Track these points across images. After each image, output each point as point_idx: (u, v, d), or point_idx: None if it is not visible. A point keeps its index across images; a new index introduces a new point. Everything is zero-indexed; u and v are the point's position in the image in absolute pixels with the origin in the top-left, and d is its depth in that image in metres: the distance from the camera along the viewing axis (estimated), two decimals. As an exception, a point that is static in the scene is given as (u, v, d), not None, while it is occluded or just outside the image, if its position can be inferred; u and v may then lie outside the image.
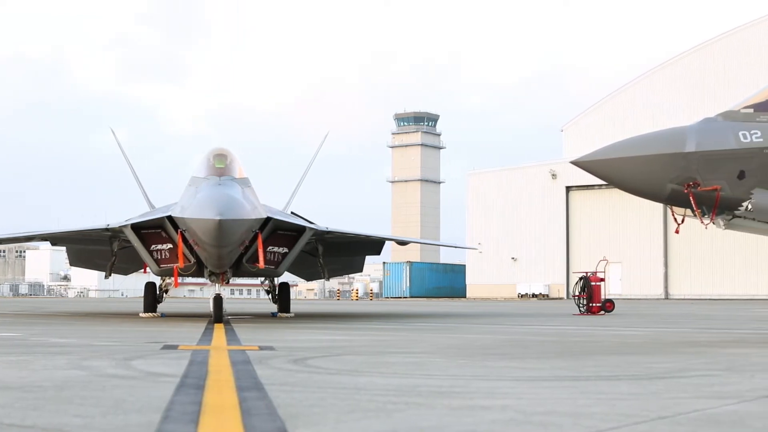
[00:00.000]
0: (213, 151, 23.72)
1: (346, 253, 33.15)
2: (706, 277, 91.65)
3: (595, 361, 10.87)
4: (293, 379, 8.43)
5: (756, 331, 19.31)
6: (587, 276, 35.29)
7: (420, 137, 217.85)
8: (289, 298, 31.23)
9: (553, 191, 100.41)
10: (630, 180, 13.31)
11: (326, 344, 14.31)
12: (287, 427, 5.50)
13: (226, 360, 10.65)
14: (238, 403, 6.54)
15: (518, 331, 19.95)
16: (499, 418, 5.96)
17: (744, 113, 13.60)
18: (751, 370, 9.38)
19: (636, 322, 25.48)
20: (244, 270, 25.35)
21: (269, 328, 20.81)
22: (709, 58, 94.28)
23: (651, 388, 7.71)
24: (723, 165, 13.18)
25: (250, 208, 21.66)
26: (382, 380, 8.33)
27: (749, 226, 14.20)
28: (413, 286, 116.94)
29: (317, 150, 38.23)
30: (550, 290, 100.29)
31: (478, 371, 9.49)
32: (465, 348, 13.65)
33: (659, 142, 13.37)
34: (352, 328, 21.18)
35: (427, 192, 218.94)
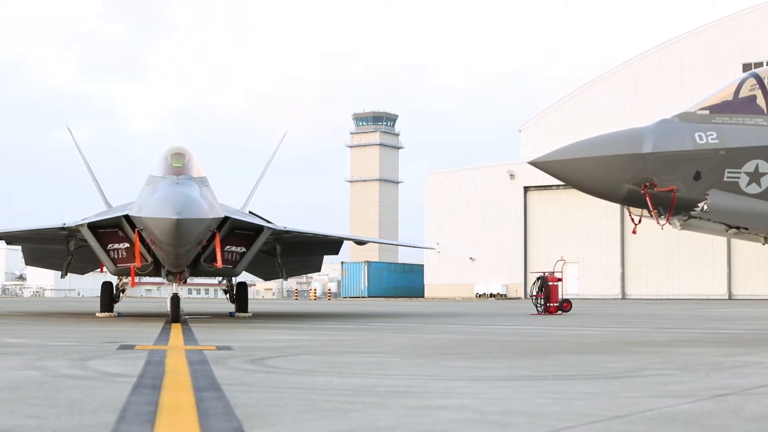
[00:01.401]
0: (171, 150, 23.62)
1: (305, 253, 33.11)
2: (662, 278, 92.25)
3: (552, 360, 10.92)
4: (250, 379, 8.41)
5: (710, 331, 19.47)
6: (545, 276, 35.42)
7: (378, 137, 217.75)
8: (247, 297, 31.17)
9: (511, 191, 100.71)
10: (587, 180, 13.38)
11: (284, 344, 14.29)
12: (244, 427, 5.48)
13: (183, 360, 10.61)
14: (195, 403, 6.51)
15: (476, 330, 20.00)
16: (456, 417, 5.96)
17: (700, 115, 13.70)
18: (705, 370, 9.45)
19: (593, 322, 25.61)
20: (201, 269, 25.25)
21: (227, 327, 20.74)
22: (669, 59, 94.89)
23: (607, 388, 7.75)
24: (679, 166, 13.27)
25: (207, 207, 21.58)
26: (339, 380, 8.32)
27: (705, 227, 14.31)
28: (371, 286, 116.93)
29: (275, 149, 38.16)
30: (507, 290, 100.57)
31: (435, 371, 9.50)
32: (422, 348, 13.66)
33: (616, 142, 13.44)
34: (309, 327, 21.15)
35: (386, 192, 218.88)
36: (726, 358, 10.99)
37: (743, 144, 13.43)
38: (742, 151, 13.42)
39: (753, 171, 13.41)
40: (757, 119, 13.66)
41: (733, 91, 14.16)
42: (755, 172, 13.41)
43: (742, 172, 13.40)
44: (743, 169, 13.39)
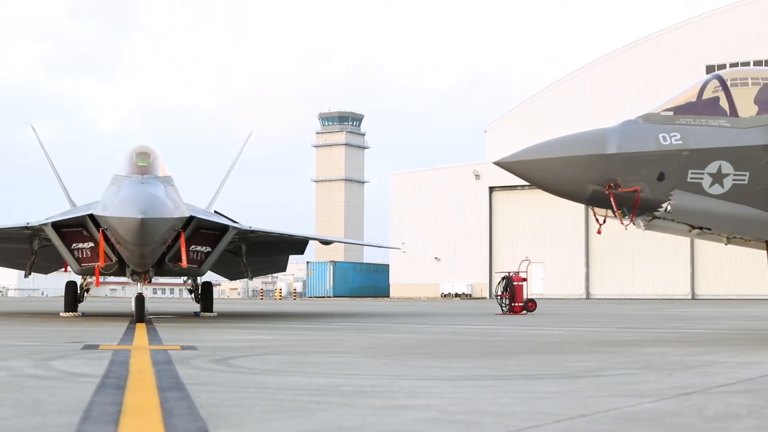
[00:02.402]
0: (136, 149, 23.51)
1: (270, 253, 33.06)
2: (626, 278, 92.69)
3: (517, 360, 10.95)
4: (215, 378, 8.39)
5: (673, 331, 19.59)
6: (510, 276, 35.49)
7: (344, 137, 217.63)
8: (212, 297, 31.09)
9: (477, 192, 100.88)
10: (552, 181, 13.42)
11: (249, 344, 14.26)
12: (209, 427, 5.47)
13: (148, 360, 10.57)
14: (159, 403, 6.49)
15: (441, 330, 20.03)
16: (421, 417, 5.98)
17: (664, 116, 13.78)
18: (668, 369, 9.51)
19: (557, 322, 25.71)
20: (166, 269, 25.16)
21: (192, 327, 20.68)
22: (633, 61, 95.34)
23: (571, 387, 7.79)
24: (643, 167, 13.34)
25: (172, 206, 21.50)
26: (305, 380, 8.32)
27: (668, 227, 14.39)
28: (337, 286, 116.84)
29: (240, 149, 38.10)
30: (473, 290, 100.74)
31: (401, 371, 9.51)
32: (388, 347, 13.67)
33: (581, 143, 13.50)
34: (275, 327, 21.12)
35: (351, 192, 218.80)
36: (689, 358, 11.07)
37: (706, 145, 13.52)
38: (705, 152, 13.51)
39: (716, 172, 13.50)
40: (720, 121, 13.76)
41: (697, 93, 14.25)
42: (718, 173, 13.50)
43: (705, 173, 13.48)
44: (706, 170, 13.48)
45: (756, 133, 13.71)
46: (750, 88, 14.55)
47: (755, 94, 14.39)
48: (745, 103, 14.12)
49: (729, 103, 14.00)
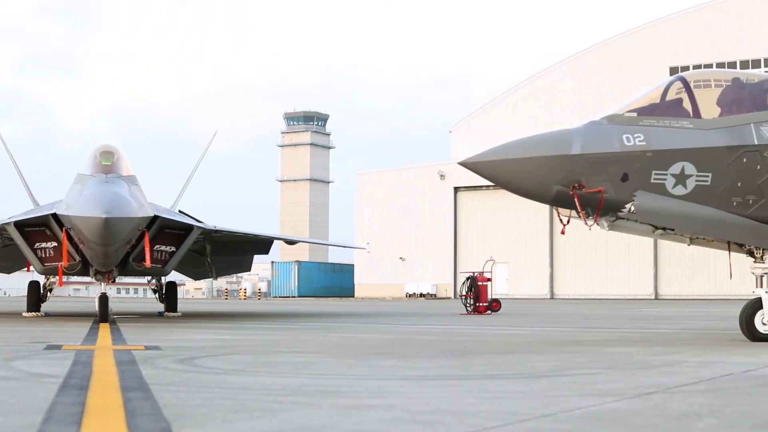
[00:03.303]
0: (99, 149, 23.43)
1: (234, 252, 33.01)
2: (590, 278, 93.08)
3: (481, 360, 10.98)
4: (179, 378, 8.36)
5: (637, 330, 19.69)
6: (474, 276, 35.58)
7: (309, 137, 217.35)
8: (176, 297, 31.02)
9: (442, 192, 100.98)
10: (516, 181, 13.45)
11: (213, 344, 14.22)
12: (173, 427, 5.45)
13: (111, 360, 10.52)
14: (122, 403, 6.46)
15: (406, 330, 20.04)
16: (385, 417, 5.98)
17: (628, 117, 13.85)
18: (632, 369, 9.56)
19: (522, 322, 25.79)
20: (130, 269, 25.06)
21: (156, 327, 20.61)
22: (598, 62, 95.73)
23: (536, 387, 7.81)
24: (607, 167, 13.39)
25: (136, 206, 21.42)
26: (269, 380, 8.30)
27: (632, 228, 14.47)
28: (301, 286, 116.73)
29: (205, 148, 38.07)
30: (437, 290, 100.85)
31: (365, 370, 9.51)
32: (352, 347, 13.67)
33: (545, 144, 13.54)
34: (239, 327, 21.08)
35: (316, 191, 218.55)
36: (652, 357, 11.13)
37: (670, 146, 13.59)
38: (669, 153, 13.58)
39: (679, 173, 13.58)
40: (683, 122, 13.84)
41: (660, 94, 14.33)
42: (681, 174, 13.58)
43: (669, 174, 13.56)
44: (669, 170, 13.56)
45: (719, 134, 13.80)
46: (713, 89, 14.65)
47: (718, 95, 14.49)
48: (708, 105, 14.21)
49: (692, 105, 14.09)
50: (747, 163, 13.78)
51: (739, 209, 13.81)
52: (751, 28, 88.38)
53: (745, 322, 14.30)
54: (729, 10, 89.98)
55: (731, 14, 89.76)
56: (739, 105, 14.31)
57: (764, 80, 14.89)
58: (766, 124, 13.99)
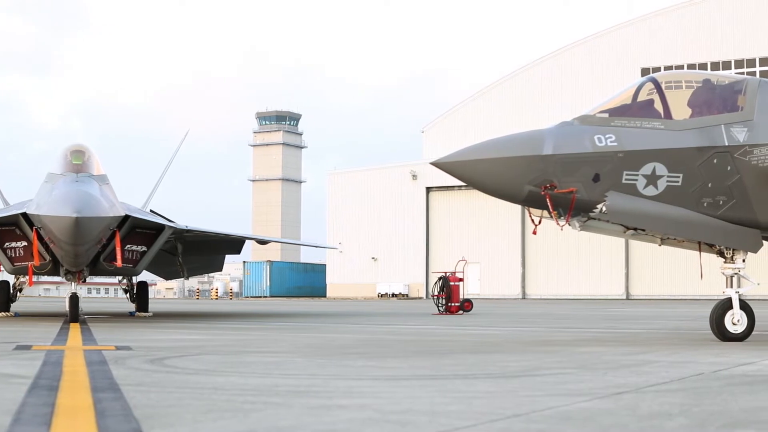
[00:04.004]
0: (70, 148, 23.32)
1: (206, 252, 32.96)
2: (561, 278, 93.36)
3: (453, 360, 10.98)
4: (150, 379, 8.33)
5: (609, 330, 19.76)
6: (446, 276, 35.60)
7: (282, 136, 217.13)
8: (148, 297, 30.89)
9: (414, 192, 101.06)
10: (488, 181, 13.48)
11: (184, 344, 14.18)
12: (143, 427, 5.42)
13: (82, 360, 10.46)
14: (92, 404, 6.42)
15: (378, 330, 20.04)
16: (356, 417, 5.97)
17: (600, 117, 13.91)
18: (603, 368, 9.58)
19: (493, 322, 25.83)
20: (101, 269, 24.94)
21: (127, 327, 20.52)
22: (570, 62, 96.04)
23: (507, 387, 7.82)
24: (579, 168, 13.44)
25: (107, 205, 21.32)
26: (240, 380, 8.28)
27: (603, 228, 14.53)
28: (273, 286, 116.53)
29: (177, 148, 37.97)
30: (409, 290, 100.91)
31: (337, 370, 9.50)
32: (324, 347, 13.65)
33: (517, 144, 13.57)
34: (211, 327, 21.02)
35: (288, 191, 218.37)
36: (623, 357, 11.17)
37: (641, 147, 13.65)
38: (640, 154, 13.64)
39: (650, 173, 13.64)
40: (655, 123, 13.91)
41: (632, 95, 14.40)
42: (652, 175, 13.65)
43: (640, 175, 13.62)
44: (641, 171, 13.62)
45: (689, 135, 13.88)
46: (684, 90, 14.73)
47: (689, 96, 14.57)
48: (679, 106, 14.29)
49: (663, 106, 14.16)
50: (717, 164, 13.86)
51: (710, 210, 13.89)
52: (722, 29, 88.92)
53: (715, 322, 14.37)
54: (700, 12, 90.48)
55: (702, 16, 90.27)
56: (710, 106, 14.40)
57: (735, 82, 14.98)
58: (736, 125, 14.07)
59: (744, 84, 14.70)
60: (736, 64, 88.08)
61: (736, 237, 14.21)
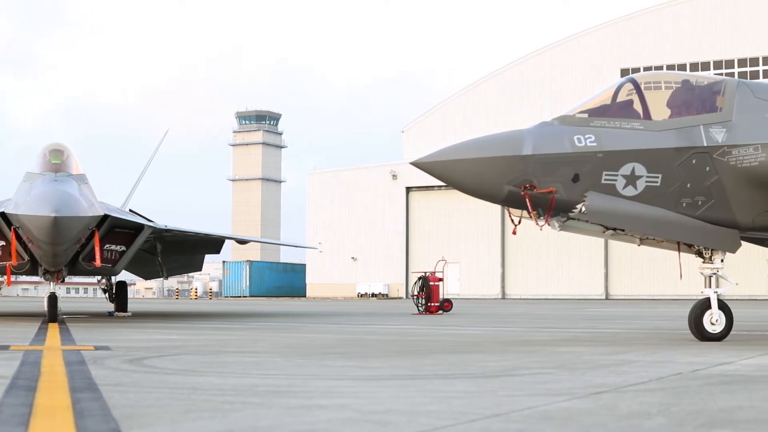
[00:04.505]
0: (49, 147, 23.21)
1: (186, 252, 32.89)
2: (541, 278, 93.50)
3: (432, 360, 10.99)
4: (129, 379, 8.30)
5: (588, 330, 19.81)
6: (426, 276, 35.62)
7: (261, 136, 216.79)
8: (127, 297, 30.83)
9: (394, 192, 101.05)
10: (468, 181, 13.49)
11: (164, 344, 14.15)
12: (121, 428, 5.40)
13: (60, 360, 10.42)
14: (71, 404, 6.40)
15: (357, 330, 20.03)
16: (336, 417, 5.97)
17: (579, 118, 13.94)
18: (582, 368, 9.60)
19: (473, 322, 25.86)
20: (80, 268, 24.85)
21: (105, 327, 20.46)
22: (550, 63, 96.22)
23: (486, 386, 7.83)
24: (558, 168, 13.46)
25: (86, 205, 21.23)
26: (219, 380, 8.26)
27: (583, 228, 14.56)
28: (253, 286, 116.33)
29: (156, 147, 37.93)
30: (389, 290, 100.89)
31: (316, 370, 9.49)
32: (304, 347, 13.64)
33: (497, 144, 13.58)
34: (190, 327, 20.98)
35: (268, 191, 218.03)
36: (603, 357, 11.19)
37: (620, 147, 13.69)
38: (619, 155, 13.68)
39: (629, 174, 13.68)
40: (634, 123, 13.95)
41: (611, 96, 14.44)
42: (631, 175, 13.69)
43: (619, 175, 13.66)
44: (620, 171, 13.66)
45: (668, 135, 13.92)
46: (663, 91, 14.79)
47: (668, 97, 14.62)
48: (658, 106, 14.34)
49: (642, 106, 14.20)
50: (696, 165, 13.91)
51: (689, 210, 13.94)
52: (702, 30, 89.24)
53: (693, 322, 14.42)
54: (679, 13, 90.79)
55: (682, 17, 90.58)
56: (689, 107, 14.45)
57: (713, 82, 15.04)
58: (715, 126, 14.13)
59: (723, 85, 14.76)
60: (715, 65, 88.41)
61: (714, 237, 14.27)
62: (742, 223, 14.27)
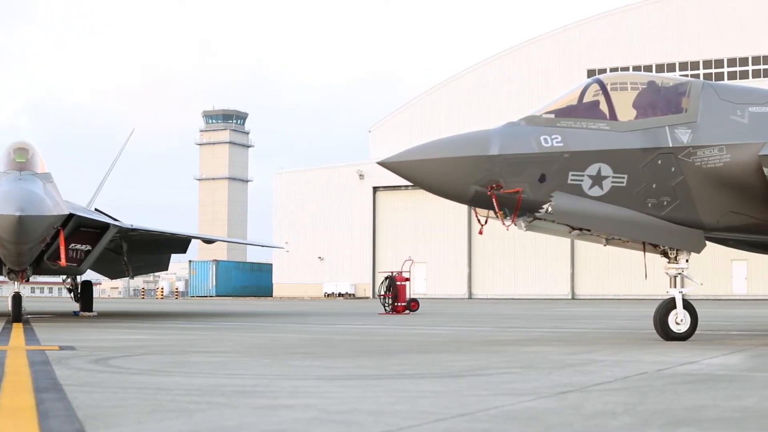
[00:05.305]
0: (13, 145, 23.06)
1: (152, 251, 32.78)
2: (508, 278, 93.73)
3: (399, 359, 10.99)
4: (94, 379, 8.26)
5: (554, 330, 19.86)
6: (393, 276, 35.64)
7: (228, 135, 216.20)
8: (92, 296, 30.71)
9: (361, 191, 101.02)
10: (435, 181, 13.49)
11: (129, 344, 14.08)
12: (86, 428, 5.38)
13: (24, 360, 10.36)
14: (35, 405, 6.36)
15: (324, 330, 20.02)
16: (302, 417, 5.96)
17: (546, 118, 13.97)
18: (548, 368, 9.63)
19: (439, 321, 25.89)
20: (45, 268, 24.73)
21: (71, 327, 20.35)
22: (517, 63, 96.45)
23: (453, 386, 7.84)
24: (525, 168, 13.49)
25: (51, 204, 21.10)
26: (185, 380, 8.24)
27: (549, 228, 14.60)
28: (219, 285, 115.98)
29: (122, 146, 37.75)
30: (356, 289, 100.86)
31: (282, 370, 9.48)
32: (270, 347, 13.62)
33: (464, 144, 13.59)
34: (156, 327, 20.89)
35: (235, 190, 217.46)
36: (568, 357, 11.23)
37: (586, 147, 13.74)
38: (586, 155, 13.73)
39: (595, 174, 13.73)
40: (600, 124, 14.00)
41: (578, 96, 14.49)
42: (597, 176, 13.74)
43: (585, 175, 13.71)
44: (586, 172, 13.71)
45: (634, 136, 13.99)
46: (629, 92, 14.85)
47: (634, 98, 14.69)
48: (624, 107, 14.40)
49: (609, 107, 14.26)
50: (661, 165, 13.99)
51: (654, 210, 14.02)
52: (667, 32, 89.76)
53: (659, 321, 14.49)
54: (646, 14, 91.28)
55: (648, 18, 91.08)
56: (655, 108, 14.53)
57: (679, 84, 15.13)
58: (680, 126, 14.22)
59: (688, 86, 14.85)
60: (680, 66, 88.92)
61: (679, 237, 14.35)
62: (707, 223, 14.37)
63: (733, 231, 15.02)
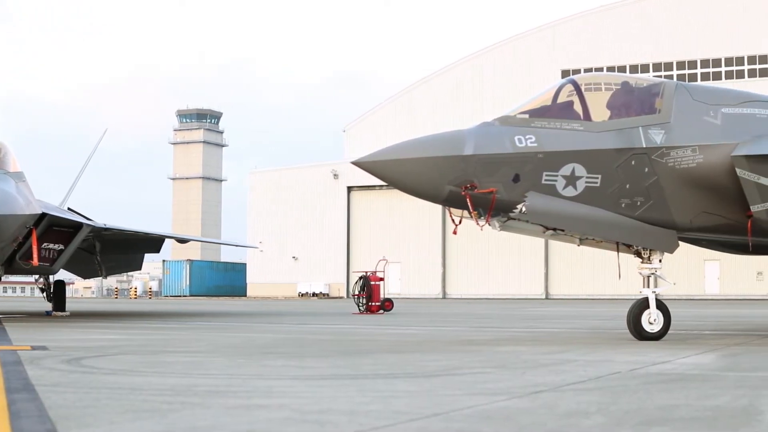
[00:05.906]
0: (-15, 144, 22.93)
1: (125, 251, 32.67)
2: (482, 278, 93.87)
3: (372, 359, 10.99)
4: (66, 379, 8.22)
5: (528, 330, 19.90)
6: (367, 275, 35.63)
7: (202, 134, 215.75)
8: (65, 296, 30.57)
9: (335, 191, 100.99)
10: (409, 181, 13.49)
11: (102, 344, 14.02)
12: (59, 428, 5.35)
13: (-4, 360, 10.30)
14: (6, 405, 6.33)
15: (298, 329, 20.00)
16: (275, 416, 5.95)
17: (520, 118, 14.00)
18: (522, 368, 9.65)
19: (413, 321, 25.90)
20: (17, 267, 24.60)
21: (43, 327, 20.25)
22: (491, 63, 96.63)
23: (426, 386, 7.84)
24: (499, 168, 13.51)
25: (23, 203, 20.99)
26: (158, 380, 8.21)
27: (523, 228, 14.63)
28: (193, 285, 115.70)
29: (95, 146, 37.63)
30: (330, 289, 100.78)
31: (256, 370, 9.46)
32: (244, 347, 13.59)
33: (438, 144, 13.60)
34: (129, 327, 20.82)
35: (209, 190, 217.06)
36: (542, 356, 11.26)
37: (560, 148, 13.78)
38: (560, 155, 13.77)
39: (569, 174, 13.77)
40: (574, 124, 14.04)
41: (552, 97, 14.52)
42: (571, 176, 13.78)
43: (559, 176, 13.74)
44: (560, 172, 13.74)
45: (608, 136, 14.04)
46: (603, 93, 14.90)
47: (608, 98, 14.74)
48: (598, 108, 14.45)
49: (583, 107, 14.30)
50: (635, 166, 14.04)
51: (628, 210, 14.07)
52: (641, 33, 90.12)
53: (632, 321, 14.54)
54: (621, 15, 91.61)
55: (622, 19, 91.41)
56: (628, 108, 14.58)
57: (652, 84, 15.19)
58: (653, 127, 14.28)
59: (661, 87, 14.92)
60: (654, 67, 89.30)
61: (652, 237, 14.41)
62: (680, 223, 14.43)
63: (706, 231, 15.09)
